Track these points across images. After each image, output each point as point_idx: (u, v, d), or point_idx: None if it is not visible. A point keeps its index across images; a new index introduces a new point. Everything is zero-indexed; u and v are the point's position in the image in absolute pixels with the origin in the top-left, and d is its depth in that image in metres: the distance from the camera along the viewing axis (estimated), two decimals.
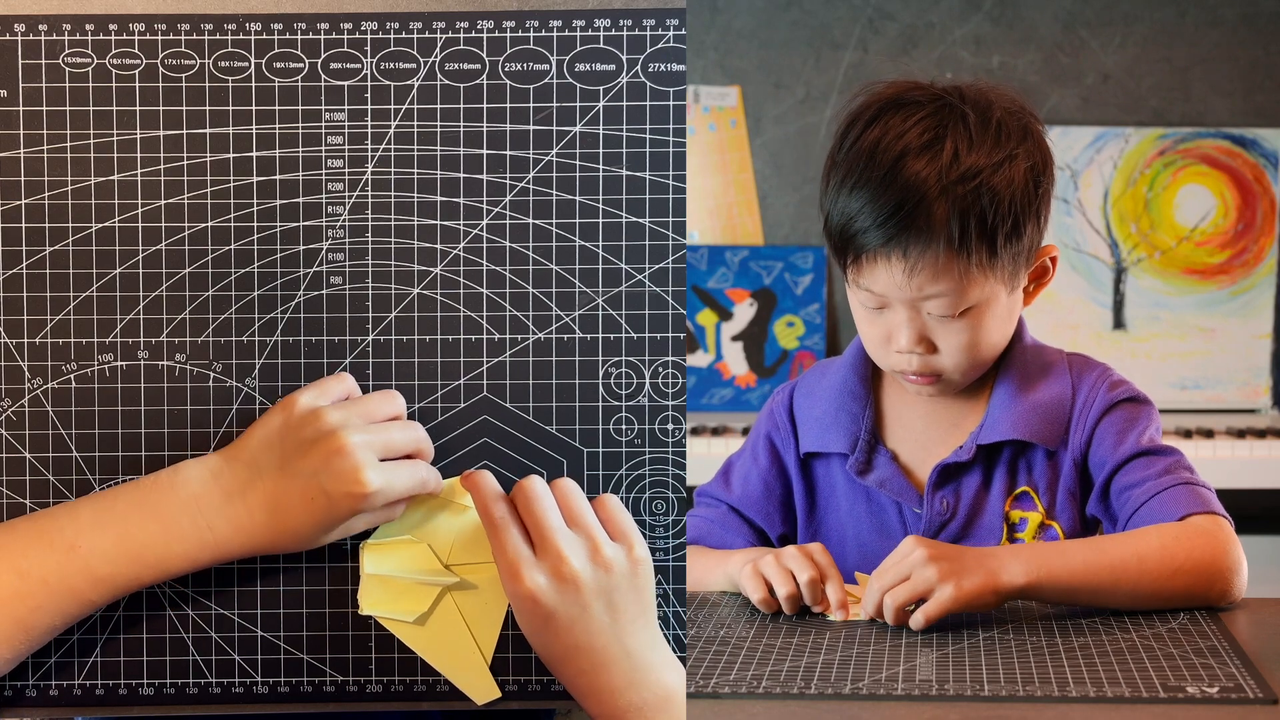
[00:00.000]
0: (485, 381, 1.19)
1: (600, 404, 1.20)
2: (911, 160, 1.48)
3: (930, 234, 1.46)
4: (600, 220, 1.19)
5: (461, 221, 1.19)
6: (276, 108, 1.18)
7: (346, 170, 1.18)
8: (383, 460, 1.13)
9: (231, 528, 1.12)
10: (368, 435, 1.12)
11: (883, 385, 1.66)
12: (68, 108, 1.18)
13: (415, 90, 1.19)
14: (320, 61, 1.18)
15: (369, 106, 1.18)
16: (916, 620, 1.37)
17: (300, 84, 1.18)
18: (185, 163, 1.18)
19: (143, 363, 1.18)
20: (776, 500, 1.66)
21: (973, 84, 1.56)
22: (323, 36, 1.18)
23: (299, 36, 1.18)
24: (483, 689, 1.19)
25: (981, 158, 1.48)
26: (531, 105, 1.19)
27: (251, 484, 1.12)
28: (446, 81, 1.19)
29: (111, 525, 1.11)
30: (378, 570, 1.18)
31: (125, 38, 1.18)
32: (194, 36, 1.18)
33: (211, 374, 1.18)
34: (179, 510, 1.11)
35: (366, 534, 1.18)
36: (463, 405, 1.19)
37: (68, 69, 1.18)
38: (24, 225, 1.18)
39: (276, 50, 1.18)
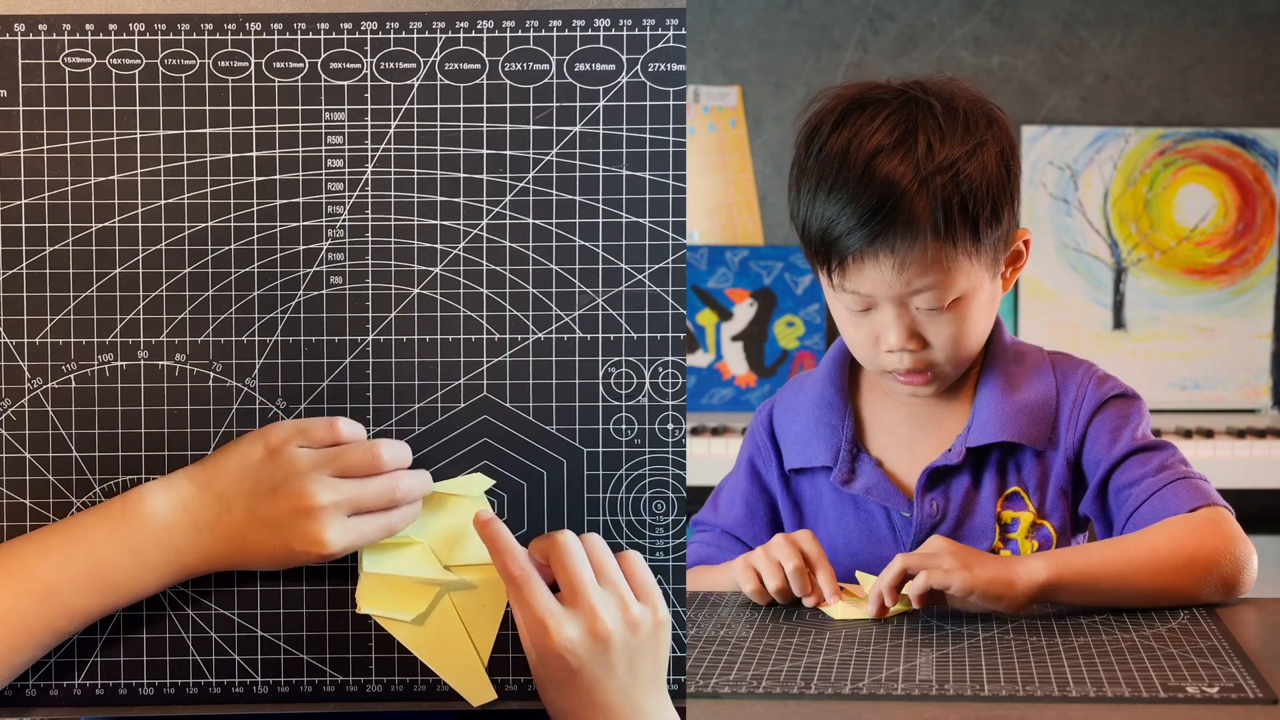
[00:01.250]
0: (485, 381, 1.19)
1: (600, 404, 1.19)
2: (885, 158, 1.48)
3: (915, 227, 1.47)
4: (600, 220, 1.19)
5: (461, 221, 1.19)
6: (276, 108, 1.18)
7: (346, 170, 1.18)
8: (352, 515, 1.13)
9: (199, 555, 1.13)
10: (338, 496, 1.12)
11: (860, 394, 1.66)
12: (68, 108, 1.18)
13: (415, 90, 1.19)
14: (320, 61, 1.18)
15: (369, 106, 1.18)
16: (917, 585, 1.37)
17: (300, 84, 1.18)
18: (185, 163, 1.18)
19: (143, 363, 1.18)
20: (763, 521, 1.68)
21: (931, 77, 1.56)
22: (323, 36, 1.18)
23: (299, 36, 1.18)
24: (478, 690, 1.18)
25: (954, 148, 1.49)
26: (531, 105, 1.19)
27: (219, 519, 1.12)
28: (446, 81, 1.19)
29: (82, 560, 1.11)
30: (377, 569, 1.18)
31: (125, 38, 1.18)
32: (194, 36, 1.18)
33: (211, 374, 1.18)
34: (151, 543, 1.12)
35: None
36: (463, 405, 1.19)
37: (68, 69, 1.18)
38: (24, 225, 1.18)
39: (276, 50, 1.18)
